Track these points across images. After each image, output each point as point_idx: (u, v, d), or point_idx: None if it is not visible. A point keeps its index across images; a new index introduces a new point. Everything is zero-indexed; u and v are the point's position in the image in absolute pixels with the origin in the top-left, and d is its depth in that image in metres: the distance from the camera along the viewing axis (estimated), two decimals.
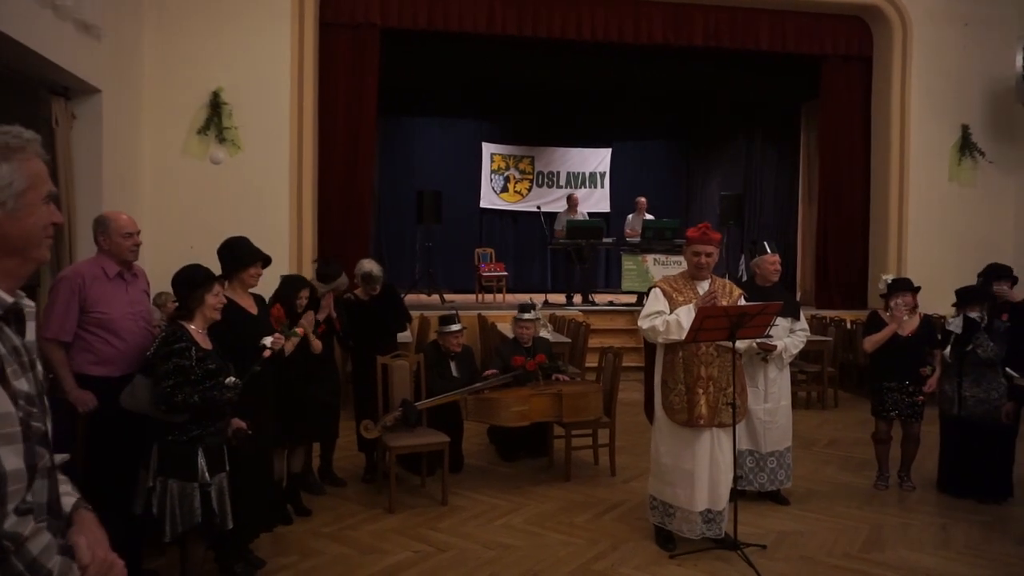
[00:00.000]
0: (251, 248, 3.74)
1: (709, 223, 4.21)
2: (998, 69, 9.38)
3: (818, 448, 6.06)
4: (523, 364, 5.17)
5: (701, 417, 3.80)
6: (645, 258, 9.85)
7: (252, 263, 3.69)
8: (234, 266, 3.66)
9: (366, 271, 5.06)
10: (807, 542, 4.02)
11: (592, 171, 14.55)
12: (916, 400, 4.87)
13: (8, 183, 1.26)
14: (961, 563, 3.77)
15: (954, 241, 9.41)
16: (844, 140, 10.00)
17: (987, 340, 4.64)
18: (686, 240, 4.06)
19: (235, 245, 3.73)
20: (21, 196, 1.27)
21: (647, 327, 3.88)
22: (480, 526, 4.26)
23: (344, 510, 4.48)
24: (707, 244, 3.94)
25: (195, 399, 3.01)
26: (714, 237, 3.97)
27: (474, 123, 13.94)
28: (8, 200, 1.26)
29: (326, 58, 8.59)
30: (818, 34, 9.69)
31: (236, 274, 3.67)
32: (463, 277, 12.71)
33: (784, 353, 4.56)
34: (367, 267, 5.08)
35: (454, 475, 4.98)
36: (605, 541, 4.03)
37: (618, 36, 9.29)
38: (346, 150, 8.75)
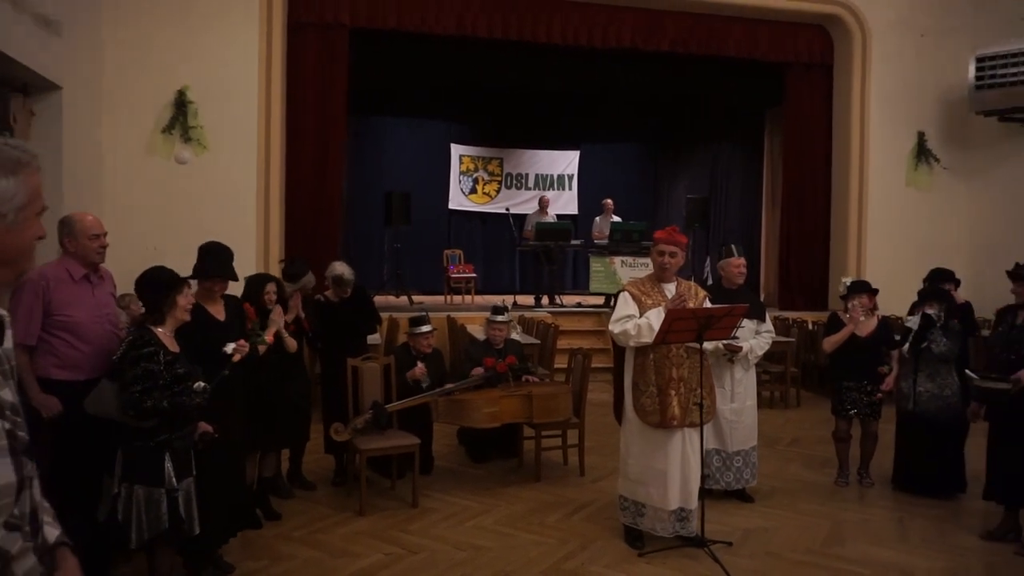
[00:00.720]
0: (229, 265, 3.65)
1: (677, 227, 4.28)
2: (952, 79, 9.69)
3: (781, 447, 6.20)
4: (494, 366, 5.20)
5: (674, 418, 3.86)
6: (613, 260, 9.95)
7: (223, 278, 3.64)
8: (208, 273, 3.60)
9: (337, 274, 5.04)
10: (772, 538, 4.12)
11: (560, 173, 14.64)
12: (874, 399, 5.02)
13: (12, 196, 1.28)
14: (918, 556, 3.91)
15: (911, 244, 9.69)
16: (807, 146, 10.23)
17: (941, 336, 4.80)
18: (653, 241, 4.14)
19: (219, 254, 3.63)
20: (22, 210, 1.29)
21: (618, 331, 3.93)
22: (451, 527, 4.28)
23: (314, 513, 4.46)
24: (671, 244, 4.00)
25: (164, 404, 2.97)
26: (680, 239, 4.04)
27: (443, 124, 13.91)
28: (9, 213, 1.28)
29: (295, 58, 8.52)
30: (782, 42, 9.91)
31: (205, 281, 3.61)
32: (432, 278, 12.68)
33: (750, 354, 4.67)
34: (338, 270, 5.06)
35: (424, 477, 4.98)
36: (575, 540, 4.08)
37: (588, 40, 9.38)
38: (315, 151, 8.68)
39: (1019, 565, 3.81)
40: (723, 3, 9.43)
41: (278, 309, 4.19)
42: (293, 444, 4.84)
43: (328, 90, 8.68)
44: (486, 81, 11.52)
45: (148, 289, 3.16)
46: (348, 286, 5.06)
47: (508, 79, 11.22)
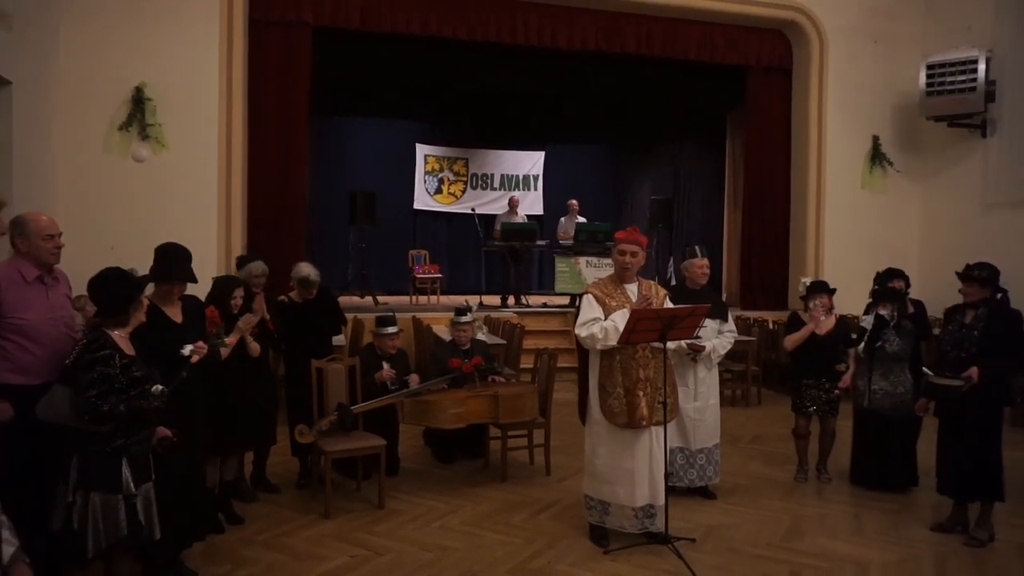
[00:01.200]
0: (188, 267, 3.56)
1: (637, 227, 4.31)
2: (904, 85, 9.98)
3: (743, 444, 6.32)
4: (459, 366, 5.20)
5: (643, 418, 3.91)
6: (578, 260, 10.02)
7: (183, 281, 3.57)
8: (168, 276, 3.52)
9: (303, 275, 4.99)
10: (733, 534, 4.20)
11: (526, 174, 14.69)
12: (832, 396, 5.15)
13: None
14: (872, 548, 4.02)
15: (866, 245, 9.95)
16: (767, 148, 10.43)
17: (894, 336, 4.95)
18: (615, 241, 4.17)
19: (178, 256, 3.54)
20: None
21: (585, 335, 3.95)
22: (417, 529, 4.27)
23: (278, 517, 4.41)
24: (632, 244, 4.04)
25: (121, 408, 2.90)
26: (640, 239, 4.07)
27: (408, 124, 13.85)
28: None
29: (256, 55, 8.39)
30: (742, 46, 10.09)
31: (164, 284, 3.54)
32: (397, 279, 12.62)
33: (712, 353, 4.75)
34: (304, 271, 5.01)
35: (390, 478, 4.96)
36: (541, 539, 4.11)
37: (552, 42, 9.43)
38: (278, 150, 8.57)
39: (966, 555, 3.95)
40: (683, 7, 9.56)
41: (247, 317, 4.13)
42: (258, 447, 4.78)
43: (291, 89, 8.58)
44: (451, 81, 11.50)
45: (102, 291, 3.07)
46: (313, 287, 5.02)
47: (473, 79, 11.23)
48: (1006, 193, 9.03)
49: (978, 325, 4.14)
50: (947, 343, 4.29)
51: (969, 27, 9.51)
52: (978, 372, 3.99)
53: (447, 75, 10.97)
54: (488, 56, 9.99)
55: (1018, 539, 4.18)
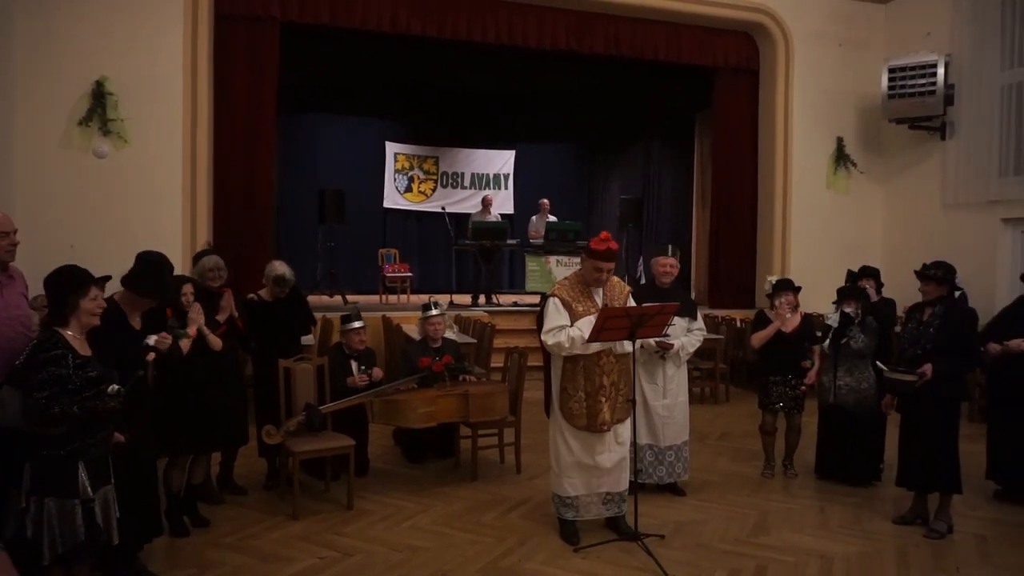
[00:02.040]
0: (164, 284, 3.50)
1: (609, 234, 4.11)
2: (867, 87, 10.19)
3: (711, 441, 6.39)
4: (429, 365, 5.17)
5: (605, 423, 3.94)
6: (548, 259, 10.04)
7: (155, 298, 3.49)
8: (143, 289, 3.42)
9: (278, 274, 4.89)
10: (702, 530, 4.25)
11: (496, 172, 14.68)
12: (798, 392, 5.24)
13: None
14: (836, 541, 4.10)
15: (830, 244, 10.14)
16: (734, 148, 10.56)
17: (859, 333, 5.05)
18: (588, 251, 4.02)
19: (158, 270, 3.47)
20: None
21: (552, 343, 3.91)
22: (387, 529, 4.24)
23: (245, 519, 4.34)
24: (610, 262, 3.98)
25: (75, 410, 2.81)
26: (615, 252, 3.98)
27: (378, 122, 13.76)
28: None
29: (223, 50, 8.25)
30: (710, 47, 10.20)
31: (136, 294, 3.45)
32: (367, 278, 12.52)
33: (681, 351, 4.79)
34: (279, 270, 4.92)
35: (360, 479, 4.92)
36: (512, 538, 4.11)
37: (523, 41, 9.43)
38: (245, 147, 8.44)
39: (926, 547, 4.04)
40: (651, 7, 9.62)
41: (196, 306, 4.03)
42: (225, 447, 4.70)
43: (259, 85, 8.45)
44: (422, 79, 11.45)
45: (55, 290, 2.98)
46: (288, 286, 4.94)
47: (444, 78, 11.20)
48: (963, 194, 9.26)
49: (934, 322, 4.25)
50: (906, 340, 4.40)
51: (929, 33, 9.74)
52: (932, 368, 4.10)
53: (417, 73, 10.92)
54: (458, 54, 9.96)
55: (975, 530, 4.29)
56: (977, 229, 9.08)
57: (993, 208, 8.97)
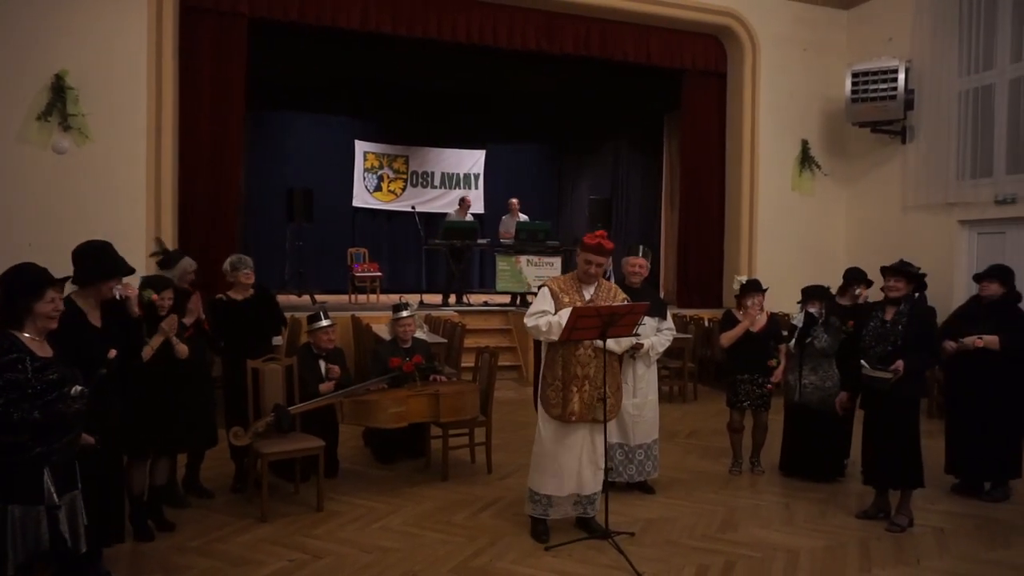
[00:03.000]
0: (115, 259, 3.40)
1: (604, 232, 4.24)
2: (831, 91, 10.41)
3: (680, 439, 6.46)
4: (400, 366, 5.15)
5: (573, 413, 3.97)
6: (518, 259, 10.06)
7: (114, 276, 3.41)
8: (94, 276, 3.36)
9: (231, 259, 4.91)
10: (671, 527, 4.29)
11: (467, 172, 14.67)
12: (765, 391, 5.32)
13: None
14: (802, 536, 4.18)
15: (796, 245, 10.33)
16: (702, 150, 10.70)
17: (822, 333, 5.15)
18: (581, 245, 4.10)
19: (98, 252, 3.38)
20: None
21: (531, 325, 4.03)
22: (357, 530, 4.21)
23: (212, 522, 4.27)
24: (600, 256, 4.04)
25: (35, 415, 2.71)
26: (608, 248, 4.05)
27: (347, 120, 13.65)
28: None
29: (189, 45, 8.10)
30: (679, 50, 10.32)
31: (94, 284, 3.38)
32: (336, 278, 12.41)
33: (651, 351, 4.83)
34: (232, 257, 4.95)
35: (329, 480, 4.88)
36: (483, 537, 4.11)
37: (493, 41, 9.43)
38: (211, 144, 8.30)
39: (888, 540, 4.14)
40: (620, 9, 9.70)
41: (171, 319, 3.95)
42: (191, 449, 4.61)
43: (226, 81, 8.32)
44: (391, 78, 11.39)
45: (7, 291, 2.86)
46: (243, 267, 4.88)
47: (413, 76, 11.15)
48: (923, 196, 9.51)
49: (901, 320, 4.36)
50: (870, 338, 4.49)
51: (890, 38, 9.98)
52: (903, 364, 4.20)
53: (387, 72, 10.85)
54: (428, 53, 9.93)
55: (934, 523, 4.41)
56: (935, 231, 9.33)
57: (951, 210, 9.22)
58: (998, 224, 8.82)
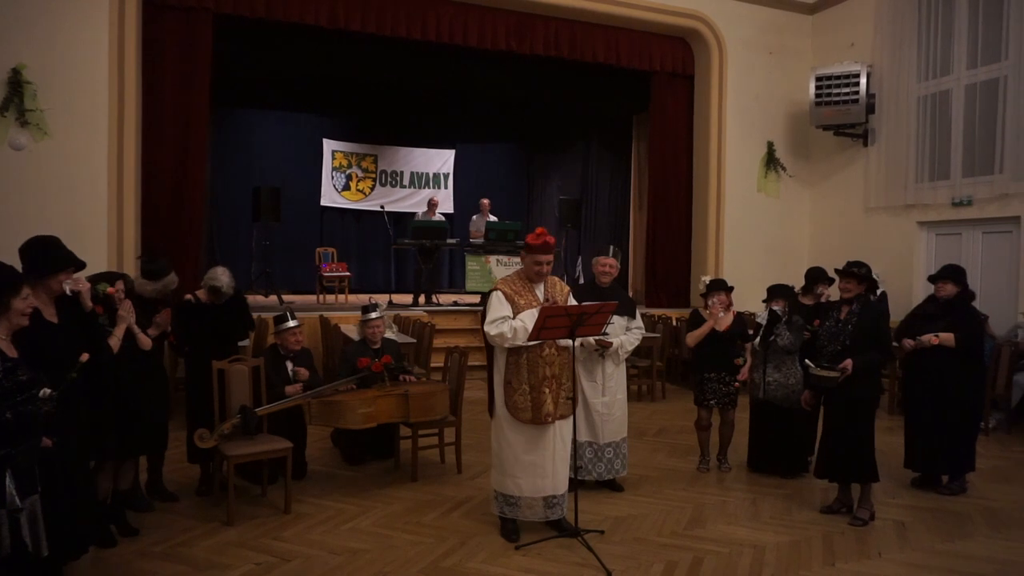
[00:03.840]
0: (64, 251, 3.33)
1: (546, 228, 4.26)
2: (796, 95, 10.61)
3: (648, 437, 6.53)
4: (368, 366, 5.11)
5: (549, 415, 3.98)
6: (488, 259, 10.06)
7: (65, 268, 3.33)
8: (43, 270, 3.27)
9: (215, 285, 4.68)
10: (640, 525, 4.33)
11: (436, 172, 14.62)
12: (732, 388, 5.40)
13: None
14: (767, 532, 4.25)
15: (761, 246, 10.51)
16: (670, 151, 10.82)
17: (785, 331, 5.24)
18: (527, 247, 4.09)
19: (46, 246, 3.30)
20: None
21: (495, 333, 3.95)
22: (326, 532, 4.17)
23: (177, 526, 4.19)
24: (548, 254, 4.05)
25: (7, 416, 2.66)
26: (552, 245, 4.06)
27: (315, 119, 13.50)
28: None
29: (152, 40, 7.95)
30: (648, 51, 10.42)
31: (43, 279, 3.29)
32: (303, 277, 12.29)
33: (620, 349, 4.87)
34: (219, 281, 4.69)
35: (297, 482, 4.83)
36: (453, 538, 4.10)
37: (463, 40, 9.42)
38: (176, 141, 8.16)
39: (851, 534, 4.23)
40: (590, 10, 9.77)
41: (126, 304, 3.86)
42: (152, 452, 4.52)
43: (191, 77, 8.18)
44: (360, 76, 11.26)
45: None
46: (223, 298, 4.75)
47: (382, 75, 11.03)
48: (883, 198, 9.75)
49: (852, 320, 4.46)
50: (824, 337, 4.60)
51: (852, 44, 10.20)
52: (851, 363, 4.30)
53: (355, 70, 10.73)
54: (398, 52, 9.88)
55: (895, 516, 4.52)
56: (896, 232, 9.56)
57: (910, 212, 9.47)
58: (954, 225, 9.08)
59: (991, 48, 8.61)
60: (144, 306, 4.06)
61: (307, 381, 4.99)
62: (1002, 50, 8.47)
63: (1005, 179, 8.40)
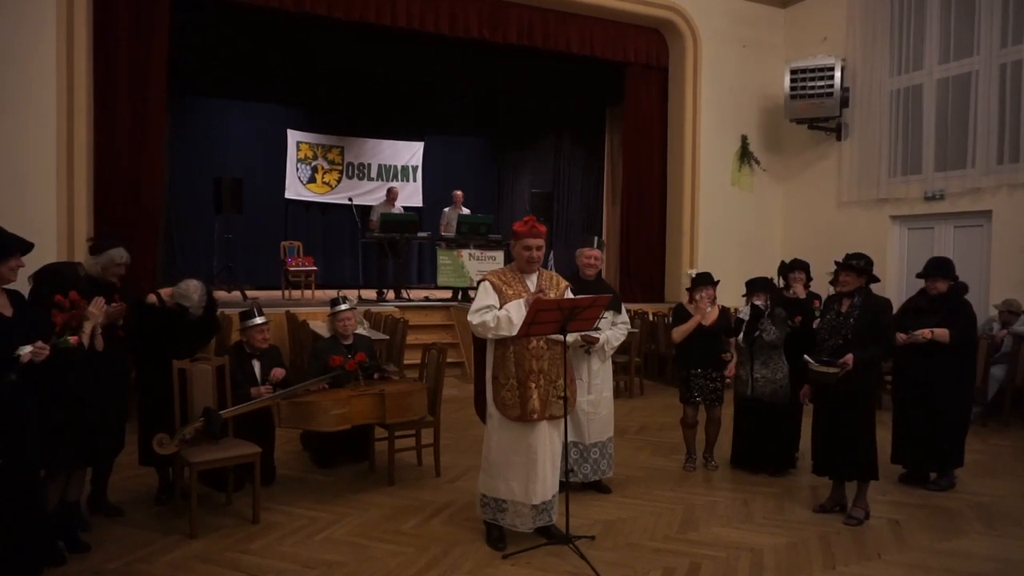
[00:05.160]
0: (7, 236, 3.06)
1: (533, 216, 4.14)
2: (769, 88, 10.55)
3: (631, 435, 6.35)
4: (342, 364, 4.83)
5: (535, 411, 3.75)
6: (460, 253, 9.81)
7: (12, 254, 3.02)
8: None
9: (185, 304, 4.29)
10: (631, 528, 4.14)
11: (404, 164, 14.29)
12: (718, 385, 5.25)
13: None
14: (763, 534, 4.09)
15: (735, 240, 10.45)
16: (644, 144, 10.68)
17: (770, 325, 5.10)
18: (513, 235, 3.94)
19: None
20: None
21: (477, 322, 3.75)
22: (298, 543, 3.88)
23: (134, 540, 3.86)
24: (537, 238, 3.88)
25: None
26: (541, 230, 3.92)
27: (279, 109, 13.06)
28: None
29: (104, 19, 7.49)
30: (622, 42, 10.27)
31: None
32: (268, 272, 11.88)
33: (606, 345, 4.67)
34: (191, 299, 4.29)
35: (266, 488, 4.53)
36: (436, 547, 3.85)
37: (434, 27, 9.14)
38: (130, 128, 7.72)
39: (847, 534, 4.10)
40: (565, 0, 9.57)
41: (98, 301, 3.53)
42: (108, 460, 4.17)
43: (146, 59, 7.76)
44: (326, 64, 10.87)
45: None
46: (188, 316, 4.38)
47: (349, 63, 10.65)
48: (856, 192, 9.75)
49: (853, 313, 4.32)
50: (824, 331, 4.45)
51: (825, 37, 10.19)
52: (853, 358, 4.17)
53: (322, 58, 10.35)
54: (366, 39, 9.55)
55: (888, 514, 4.40)
56: (869, 226, 9.57)
57: (882, 206, 9.48)
58: (927, 219, 9.11)
59: (963, 43, 8.64)
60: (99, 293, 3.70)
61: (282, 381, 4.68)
62: (974, 45, 8.50)
63: (976, 173, 8.45)
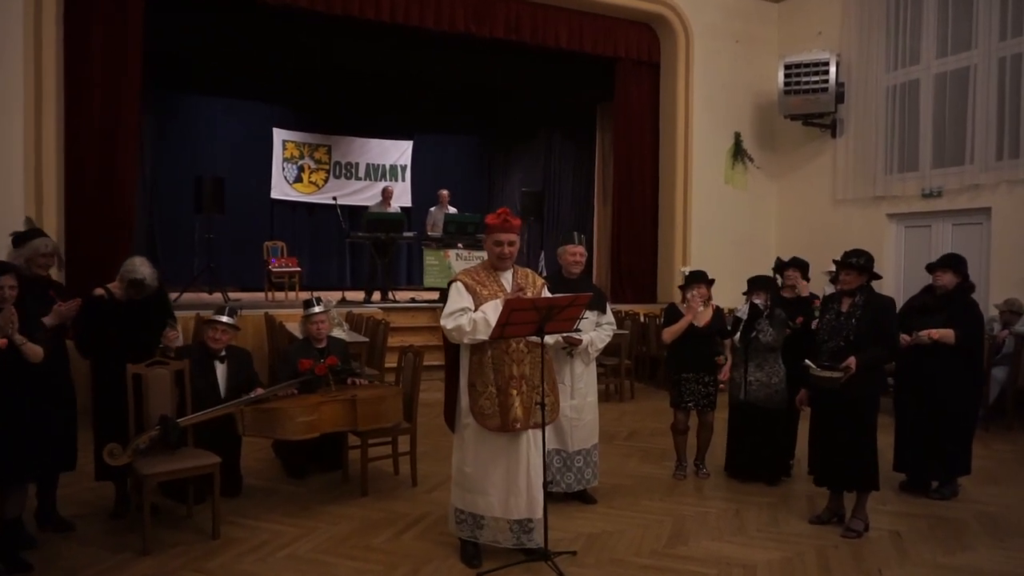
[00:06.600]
0: None
1: (508, 209, 3.86)
2: (763, 84, 10.33)
3: (619, 441, 6.10)
4: (311, 368, 4.58)
5: (517, 420, 3.49)
6: (447, 253, 9.55)
7: None
8: None
9: (136, 277, 4.03)
10: (616, 543, 3.88)
11: (393, 163, 14.04)
12: (710, 389, 5.00)
13: None
14: (756, 548, 3.84)
15: (729, 238, 10.21)
16: (635, 141, 10.44)
17: (767, 326, 4.85)
18: (486, 228, 3.68)
19: None
20: None
21: (452, 327, 3.49)
22: (258, 561, 3.62)
23: (81, 558, 3.60)
24: (509, 232, 3.62)
25: None
26: (515, 224, 3.65)
27: (264, 107, 12.80)
28: None
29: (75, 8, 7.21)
30: (612, 37, 10.02)
31: None
32: (251, 273, 11.61)
33: (590, 347, 4.43)
34: (138, 272, 4.04)
35: (231, 500, 4.28)
36: (405, 564, 3.59)
37: (419, 21, 8.88)
38: (104, 123, 7.44)
39: (845, 547, 3.86)
40: None
41: (7, 312, 3.25)
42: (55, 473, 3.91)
43: (120, 51, 7.48)
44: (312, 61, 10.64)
45: None
46: (145, 292, 4.12)
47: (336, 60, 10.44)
48: (852, 190, 9.53)
49: (855, 313, 4.08)
50: (824, 332, 4.21)
51: (819, 32, 9.96)
52: (856, 361, 3.92)
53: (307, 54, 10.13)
54: (352, 35, 9.30)
55: (889, 526, 4.16)
56: (865, 224, 9.34)
57: (879, 203, 9.26)
58: (924, 217, 8.89)
59: (960, 36, 8.42)
60: (34, 291, 3.42)
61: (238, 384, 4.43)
62: (972, 38, 8.29)
63: (975, 170, 8.23)
